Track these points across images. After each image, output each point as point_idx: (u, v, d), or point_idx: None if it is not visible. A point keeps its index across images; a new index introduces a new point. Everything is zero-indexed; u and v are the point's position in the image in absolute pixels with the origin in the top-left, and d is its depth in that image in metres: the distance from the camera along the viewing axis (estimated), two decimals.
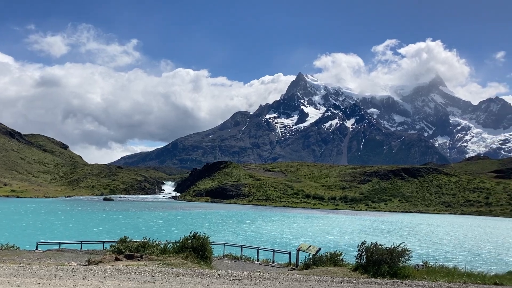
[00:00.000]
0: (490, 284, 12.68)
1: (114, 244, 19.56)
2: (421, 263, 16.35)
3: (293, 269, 18.74)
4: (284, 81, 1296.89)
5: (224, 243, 27.08)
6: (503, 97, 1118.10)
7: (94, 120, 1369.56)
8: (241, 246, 25.69)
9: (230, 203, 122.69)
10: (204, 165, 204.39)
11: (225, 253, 25.54)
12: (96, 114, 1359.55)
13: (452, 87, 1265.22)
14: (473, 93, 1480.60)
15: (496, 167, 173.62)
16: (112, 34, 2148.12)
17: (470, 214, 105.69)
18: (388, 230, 55.06)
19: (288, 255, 22.40)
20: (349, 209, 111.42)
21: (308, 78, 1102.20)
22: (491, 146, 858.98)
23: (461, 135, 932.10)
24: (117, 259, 15.92)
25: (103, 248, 24.16)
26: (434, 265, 16.07)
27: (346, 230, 53.04)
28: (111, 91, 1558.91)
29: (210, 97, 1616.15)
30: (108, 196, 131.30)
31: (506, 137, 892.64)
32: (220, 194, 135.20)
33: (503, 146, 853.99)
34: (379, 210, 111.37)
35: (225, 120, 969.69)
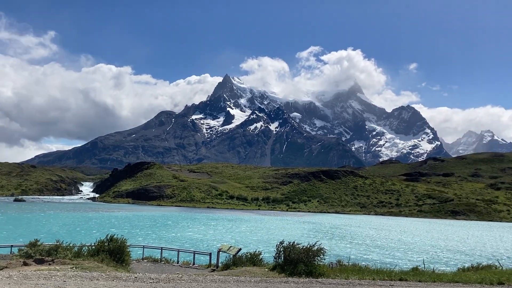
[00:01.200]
0: (396, 279, 13.60)
1: (22, 248, 18.30)
2: (335, 261, 17.14)
3: (213, 270, 18.80)
4: (210, 82, 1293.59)
5: (144, 246, 26.46)
6: (414, 105, 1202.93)
7: (4, 116, 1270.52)
8: (161, 248, 25.26)
9: (152, 205, 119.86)
10: (125, 166, 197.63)
11: (144, 256, 24.95)
12: (6, 109, 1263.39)
13: (369, 94, 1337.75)
14: (388, 100, 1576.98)
15: (406, 171, 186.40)
16: (27, 24, 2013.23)
17: (382, 215, 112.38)
18: (309, 229, 56.93)
19: (208, 256, 22.41)
20: (271, 210, 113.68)
21: (234, 80, 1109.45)
22: (402, 151, 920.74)
23: (376, 140, 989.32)
24: (25, 264, 14.94)
25: (11, 252, 22.54)
26: (347, 263, 16.91)
27: (269, 230, 54.08)
28: (24, 85, 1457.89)
29: (133, 95, 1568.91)
30: (20, 197, 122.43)
31: (415, 143, 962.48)
32: (142, 196, 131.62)
33: (412, 151, 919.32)
34: (299, 211, 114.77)
35: (149, 120, 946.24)
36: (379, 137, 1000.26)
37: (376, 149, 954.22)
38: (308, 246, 15.22)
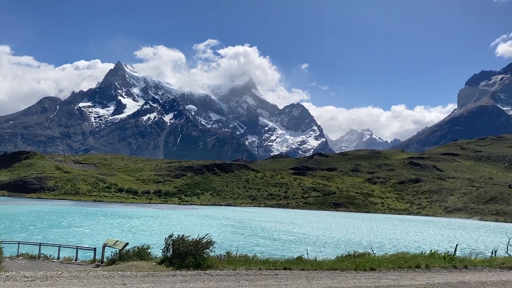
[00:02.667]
0: (280, 269, 14.20)
1: None
2: (224, 253, 17.37)
3: (97, 266, 17.91)
4: (101, 68, 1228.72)
5: (19, 242, 24.23)
6: (304, 103, 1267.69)
7: None
8: (40, 244, 23.32)
9: (32, 198, 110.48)
10: (1, 155, 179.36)
11: (20, 253, 22.87)
12: None
13: (263, 91, 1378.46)
14: (281, 97, 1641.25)
15: (294, 165, 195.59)
16: None
17: (272, 207, 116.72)
18: (201, 224, 56.96)
19: (93, 251, 21.29)
20: (163, 203, 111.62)
21: (127, 68, 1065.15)
22: (291, 146, 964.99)
23: (268, 135, 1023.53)
24: None
25: None
26: (236, 254, 17.24)
27: (161, 224, 53.04)
28: None
29: (11, 78, 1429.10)
30: None
31: (304, 139, 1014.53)
32: (20, 188, 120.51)
33: (301, 147, 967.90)
34: (191, 204, 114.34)
35: (29, 106, 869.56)
36: (271, 132, 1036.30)
37: (268, 143, 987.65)
38: (198, 239, 15.23)
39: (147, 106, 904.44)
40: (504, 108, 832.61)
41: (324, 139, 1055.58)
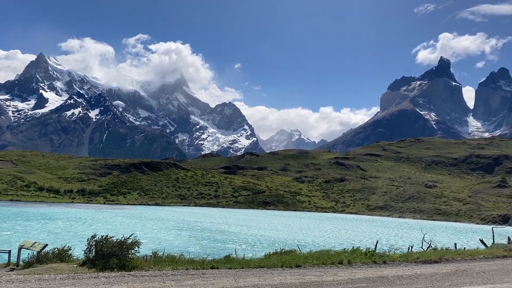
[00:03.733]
0: (208, 268, 14.12)
1: None
2: (151, 253, 16.96)
3: (12, 270, 16.71)
4: (21, 59, 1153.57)
5: None
6: (236, 102, 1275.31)
7: None
8: None
9: None
10: None
11: None
12: None
13: (195, 89, 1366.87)
14: (213, 96, 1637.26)
15: (225, 164, 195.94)
16: None
17: (202, 206, 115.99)
18: (128, 224, 55.24)
19: (8, 254, 19.84)
20: (87, 202, 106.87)
21: (51, 60, 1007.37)
22: (222, 145, 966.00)
23: (199, 134, 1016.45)
24: None
25: None
26: (162, 255, 16.90)
27: (86, 224, 50.70)
28: None
29: None
30: None
31: (235, 138, 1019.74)
32: None
33: (232, 146, 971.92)
34: (118, 203, 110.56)
35: None
36: (202, 131, 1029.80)
37: (199, 142, 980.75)
38: (123, 239, 14.73)
39: (71, 101, 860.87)
40: (422, 112, 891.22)
41: (255, 139, 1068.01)
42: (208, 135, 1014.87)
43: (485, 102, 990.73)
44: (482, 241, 24.01)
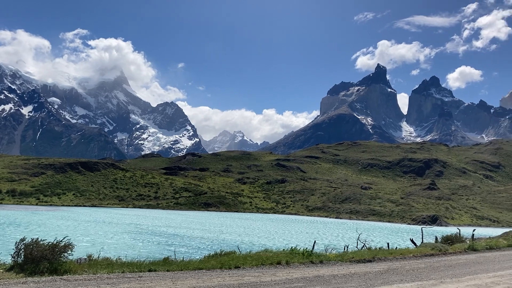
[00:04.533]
0: (145, 271, 13.82)
1: None
2: (85, 256, 16.35)
3: None
4: None
5: None
6: (179, 102, 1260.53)
7: None
8: None
9: None
10: None
11: None
12: None
13: (137, 87, 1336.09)
14: (156, 95, 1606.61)
15: (166, 165, 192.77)
16: None
17: (141, 207, 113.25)
18: (65, 225, 52.80)
19: None
20: (17, 204, 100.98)
21: None
22: (164, 145, 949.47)
23: (139, 133, 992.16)
24: None
25: None
26: (98, 257, 16.34)
27: (20, 226, 47.82)
28: None
29: None
30: None
31: (177, 138, 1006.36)
32: None
33: (173, 146, 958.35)
34: (51, 204, 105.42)
35: None
36: (142, 130, 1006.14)
37: (139, 142, 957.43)
38: (56, 242, 14.07)
39: (2, 97, 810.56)
40: (359, 117, 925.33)
41: (198, 139, 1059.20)
42: (149, 135, 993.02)
43: (417, 108, 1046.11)
44: (412, 240, 25.30)
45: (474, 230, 28.10)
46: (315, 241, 23.71)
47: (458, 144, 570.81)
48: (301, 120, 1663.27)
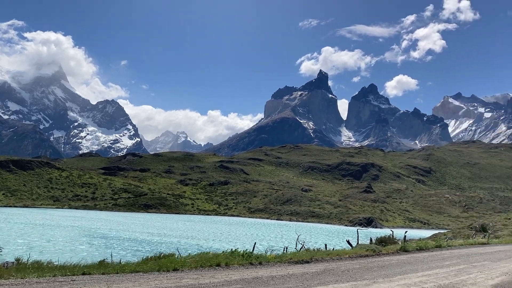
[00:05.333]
0: (79, 274, 13.27)
1: None
2: (13, 260, 15.47)
3: None
4: None
5: None
6: (121, 100, 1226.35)
7: None
8: None
9: None
10: None
11: None
12: None
13: (76, 83, 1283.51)
14: (96, 92, 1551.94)
15: (105, 164, 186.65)
16: None
17: (77, 208, 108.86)
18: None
19: None
20: None
21: None
22: (103, 144, 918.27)
23: (77, 132, 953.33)
24: None
25: None
26: (27, 261, 15.51)
27: None
28: None
29: None
30: None
31: (117, 138, 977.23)
32: None
33: (113, 146, 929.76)
34: None
35: None
36: (80, 128, 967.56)
37: (77, 140, 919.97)
38: None
39: None
40: (301, 121, 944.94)
41: (139, 139, 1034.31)
42: (87, 134, 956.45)
43: (356, 114, 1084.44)
44: (348, 242, 26.14)
45: (406, 232, 29.50)
46: (255, 243, 23.90)
47: (393, 149, 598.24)
48: (246, 122, 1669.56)
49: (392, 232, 28.57)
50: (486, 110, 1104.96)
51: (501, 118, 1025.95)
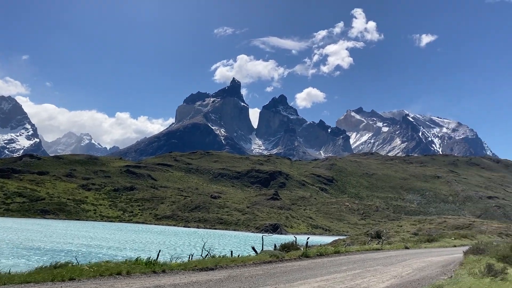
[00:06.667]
0: None
1: None
2: None
3: None
4: None
5: None
6: (19, 97, 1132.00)
7: None
8: None
9: None
10: None
11: None
12: None
13: None
14: None
15: None
16: None
17: None
18: None
19: None
20: None
21: None
22: None
23: None
24: None
25: None
26: None
27: None
28: None
29: None
30: None
31: (12, 137, 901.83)
32: None
33: (8, 146, 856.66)
34: None
35: None
36: None
37: None
38: None
39: None
40: (213, 127, 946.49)
41: (38, 140, 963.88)
42: None
43: (266, 123, 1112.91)
44: (253, 248, 26.59)
45: (308, 238, 30.71)
46: (160, 250, 23.44)
47: (299, 158, 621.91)
48: (156, 126, 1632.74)
49: (296, 238, 29.58)
50: (384, 124, 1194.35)
51: (397, 132, 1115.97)
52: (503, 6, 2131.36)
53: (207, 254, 23.66)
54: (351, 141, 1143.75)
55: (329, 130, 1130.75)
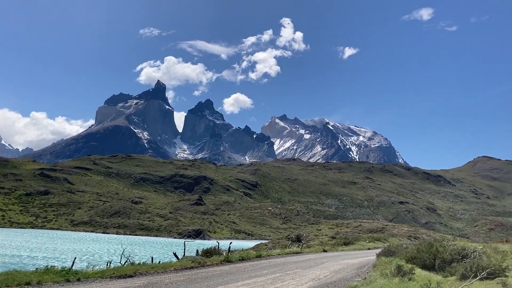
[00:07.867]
0: None
1: None
2: None
3: None
4: None
5: None
6: None
7: None
8: None
9: None
10: None
11: None
12: None
13: None
14: None
15: None
16: None
17: None
18: None
19: None
20: None
21: None
22: None
23: None
24: None
25: None
26: None
27: None
28: None
29: None
30: None
31: None
32: None
33: None
34: None
35: None
36: None
37: None
38: None
39: None
40: (136, 130, 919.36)
41: None
42: None
43: (192, 127, 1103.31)
44: (175, 254, 26.22)
45: (231, 242, 30.91)
46: (75, 258, 22.38)
47: (225, 163, 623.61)
48: (75, 128, 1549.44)
49: (218, 243, 29.61)
50: (306, 132, 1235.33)
51: (318, 140, 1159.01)
52: (416, 24, 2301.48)
53: (126, 261, 22.96)
54: (275, 147, 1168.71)
55: (254, 136, 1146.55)
